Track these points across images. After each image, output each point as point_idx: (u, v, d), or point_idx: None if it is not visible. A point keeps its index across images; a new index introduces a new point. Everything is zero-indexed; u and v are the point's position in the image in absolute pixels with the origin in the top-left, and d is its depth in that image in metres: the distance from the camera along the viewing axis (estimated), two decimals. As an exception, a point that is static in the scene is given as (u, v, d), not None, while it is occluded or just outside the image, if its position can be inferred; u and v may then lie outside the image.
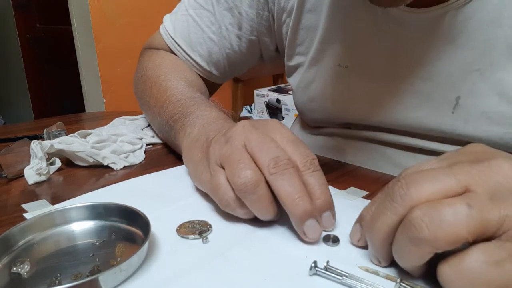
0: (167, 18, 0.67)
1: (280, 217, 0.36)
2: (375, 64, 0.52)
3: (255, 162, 0.35)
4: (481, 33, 0.44)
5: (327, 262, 0.30)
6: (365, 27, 0.52)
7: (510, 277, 0.24)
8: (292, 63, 0.62)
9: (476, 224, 0.24)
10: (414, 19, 0.47)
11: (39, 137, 0.59)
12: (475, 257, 0.24)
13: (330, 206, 0.35)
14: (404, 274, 0.29)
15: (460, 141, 0.49)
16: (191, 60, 0.64)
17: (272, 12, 0.59)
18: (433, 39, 0.47)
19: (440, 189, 0.26)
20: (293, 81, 0.63)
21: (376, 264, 0.31)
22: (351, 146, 0.60)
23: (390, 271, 0.30)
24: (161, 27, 0.67)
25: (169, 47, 0.66)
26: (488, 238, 0.25)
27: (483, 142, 0.31)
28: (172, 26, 0.65)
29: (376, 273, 0.30)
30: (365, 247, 0.33)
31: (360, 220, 0.33)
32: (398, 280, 0.28)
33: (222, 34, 0.62)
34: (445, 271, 0.25)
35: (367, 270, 0.30)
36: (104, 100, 2.03)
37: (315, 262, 0.30)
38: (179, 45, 0.64)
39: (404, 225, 0.27)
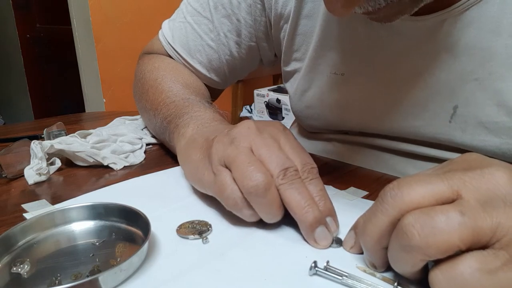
0: (165, 24, 0.66)
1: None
2: (371, 72, 0.52)
3: None
4: (480, 41, 0.43)
5: (327, 262, 0.30)
6: (361, 35, 0.51)
7: (503, 286, 0.23)
8: (288, 68, 0.61)
9: (469, 232, 0.24)
10: (411, 27, 0.46)
11: (39, 137, 0.59)
12: (468, 264, 0.24)
13: (330, 212, 0.35)
14: (401, 277, 0.29)
15: (458, 149, 0.49)
16: (190, 68, 0.64)
17: (269, 18, 0.59)
18: (430, 48, 0.46)
19: (431, 192, 0.26)
20: (290, 86, 0.62)
21: (372, 269, 0.31)
22: (349, 152, 0.59)
23: (387, 273, 0.30)
24: (159, 33, 0.67)
25: (168, 54, 0.65)
26: (481, 247, 0.25)
27: (480, 152, 0.30)
28: (170, 33, 0.64)
29: (373, 274, 0.30)
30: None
31: (355, 228, 0.33)
32: (395, 284, 0.28)
33: (221, 41, 0.62)
34: (437, 277, 0.25)
35: (365, 271, 0.30)
36: (104, 100, 2.03)
37: (315, 262, 0.30)
38: (178, 53, 0.64)
39: (396, 231, 0.27)
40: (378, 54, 0.50)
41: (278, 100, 2.28)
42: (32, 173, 0.48)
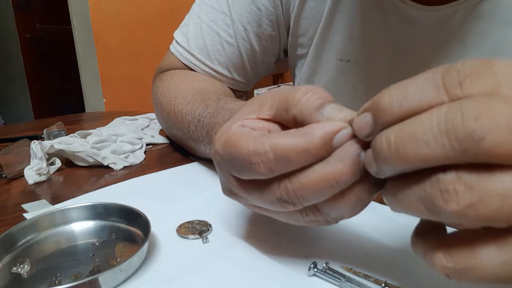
0: (177, 33, 0.63)
1: None
2: (379, 60, 0.51)
3: None
4: (491, 33, 0.44)
5: (326, 263, 0.30)
6: (371, 21, 0.51)
7: None
8: (295, 53, 0.60)
9: None
10: (423, 16, 0.47)
11: (39, 137, 0.59)
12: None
13: None
14: (387, 277, 0.29)
15: None
16: (210, 71, 0.60)
17: (282, 1, 0.58)
18: (440, 37, 0.46)
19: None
20: (297, 72, 0.61)
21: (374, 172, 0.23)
22: None
23: (375, 274, 0.30)
24: (171, 46, 0.63)
25: (184, 64, 0.61)
26: None
27: None
28: (185, 38, 0.61)
29: (357, 273, 0.30)
30: (361, 248, 0.33)
31: (375, 108, 0.22)
32: (383, 284, 0.28)
33: (240, 35, 0.59)
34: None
35: (350, 270, 0.30)
36: (104, 100, 2.03)
37: (314, 263, 0.30)
38: (195, 57, 0.60)
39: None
40: (387, 42, 0.50)
41: (278, 100, 2.27)
42: (32, 173, 0.48)
